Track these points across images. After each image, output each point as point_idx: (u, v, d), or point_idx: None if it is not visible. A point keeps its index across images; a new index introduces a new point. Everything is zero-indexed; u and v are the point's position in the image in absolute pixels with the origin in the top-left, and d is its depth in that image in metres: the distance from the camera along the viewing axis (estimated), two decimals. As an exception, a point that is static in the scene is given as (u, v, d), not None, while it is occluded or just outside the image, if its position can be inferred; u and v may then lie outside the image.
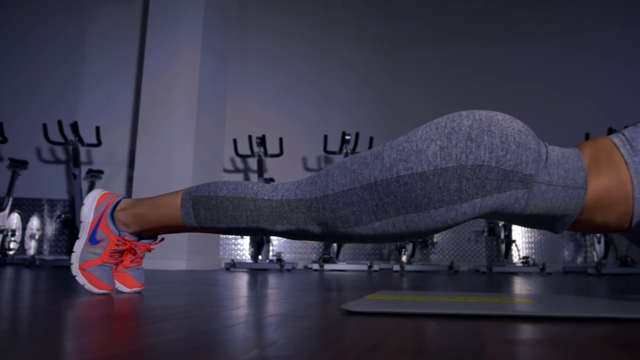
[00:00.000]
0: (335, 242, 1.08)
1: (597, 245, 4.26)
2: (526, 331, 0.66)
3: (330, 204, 0.99)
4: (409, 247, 4.45)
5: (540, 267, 4.06)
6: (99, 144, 4.42)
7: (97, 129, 4.43)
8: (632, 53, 4.97)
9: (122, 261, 1.25)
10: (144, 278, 1.31)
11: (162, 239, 1.30)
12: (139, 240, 1.23)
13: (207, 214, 1.11)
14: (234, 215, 1.09)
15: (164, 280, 2.01)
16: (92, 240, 1.18)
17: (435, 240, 4.87)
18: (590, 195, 0.94)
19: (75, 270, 1.17)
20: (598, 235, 4.27)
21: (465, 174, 0.90)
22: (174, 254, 3.98)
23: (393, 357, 0.47)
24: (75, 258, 1.18)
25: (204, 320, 0.75)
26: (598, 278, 3.19)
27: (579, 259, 4.66)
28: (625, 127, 4.58)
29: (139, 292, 1.29)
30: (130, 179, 4.86)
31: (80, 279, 1.17)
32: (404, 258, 4.49)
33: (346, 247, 4.88)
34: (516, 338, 0.60)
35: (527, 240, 4.78)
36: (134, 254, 1.24)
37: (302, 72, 5.33)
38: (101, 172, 4.60)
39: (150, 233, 1.24)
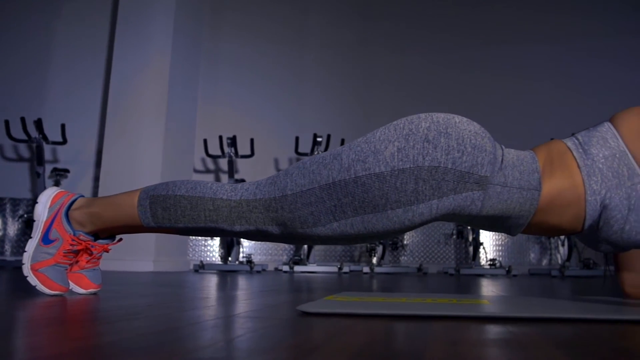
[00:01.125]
0: (294, 243, 1.08)
1: (561, 248, 4.36)
2: (474, 331, 0.67)
3: (288, 204, 0.99)
4: (379, 249, 4.47)
5: (507, 269, 4.14)
6: (64, 142, 4.31)
7: (63, 126, 4.32)
8: (594, 60, 5.12)
9: (77, 261, 1.22)
10: (101, 279, 1.28)
11: (120, 239, 1.27)
12: (95, 240, 1.20)
13: (164, 214, 1.09)
14: (192, 215, 1.07)
15: (127, 282, 1.97)
16: (45, 239, 1.15)
17: (405, 242, 4.91)
18: (543, 197, 0.96)
19: (26, 270, 1.13)
20: (562, 238, 4.38)
21: (422, 175, 0.91)
22: (140, 255, 3.91)
23: (331, 358, 0.47)
24: (27, 258, 1.14)
25: (154, 322, 0.73)
26: (561, 280, 3.27)
27: (544, 262, 4.77)
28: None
29: (95, 294, 1.26)
30: (97, 179, 4.75)
31: (32, 280, 1.13)
32: (374, 260, 4.51)
33: (317, 248, 4.87)
34: (461, 338, 0.61)
35: (494, 243, 4.87)
36: (90, 254, 1.21)
37: (275, 74, 5.31)
38: (67, 170, 4.49)
39: (108, 233, 1.21)
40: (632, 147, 0.93)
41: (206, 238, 4.86)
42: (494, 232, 4.86)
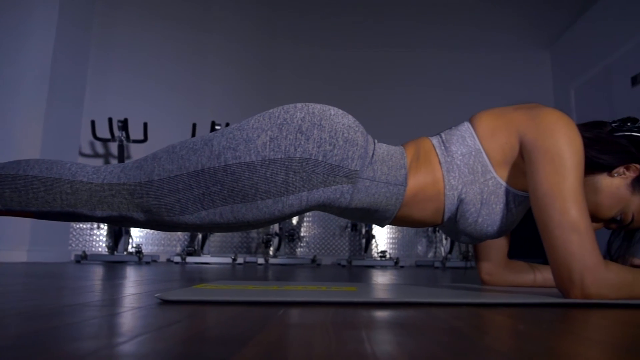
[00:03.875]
0: (162, 230, 1.03)
1: (445, 242, 4.67)
2: (319, 315, 0.68)
3: (154, 190, 0.94)
4: (275, 240, 4.48)
5: (395, 260, 4.35)
6: None
7: None
8: (469, 69, 5.54)
9: None
10: (-61, 268, 1.13)
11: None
12: None
13: (13, 196, 0.98)
14: (47, 198, 0.97)
15: (-17, 272, 1.77)
16: None
17: (302, 234, 4.97)
18: (408, 192, 0.99)
19: None
20: (446, 232, 4.69)
21: (292, 167, 0.90)
22: (11, 244, 3.55)
23: (153, 343, 0.44)
24: None
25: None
26: (442, 270, 3.50)
27: (430, 254, 5.08)
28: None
29: None
30: (-37, 159, 4.24)
31: None
32: (270, 251, 4.51)
33: (212, 239, 4.77)
34: (302, 322, 0.61)
35: (386, 236, 5.09)
36: None
37: (174, 57, 5.09)
38: None
39: (-52, 215, 1.07)
40: (486, 145, 1.00)
41: (92, 226, 4.55)
42: (386, 226, 5.09)
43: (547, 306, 0.83)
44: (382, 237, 5.07)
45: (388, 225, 5.28)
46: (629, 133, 1.05)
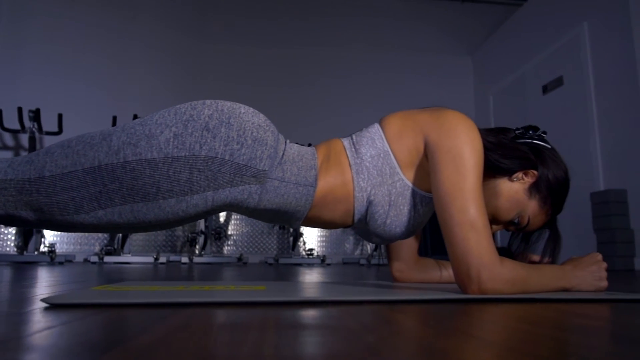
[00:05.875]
0: (56, 231, 0.96)
1: (370, 239, 4.77)
2: (216, 316, 0.66)
3: (45, 187, 0.87)
4: (201, 239, 4.38)
5: (321, 258, 4.38)
6: None
7: None
8: (394, 70, 5.72)
9: None
10: None
11: None
12: None
13: None
14: None
15: None
16: None
17: (229, 232, 4.89)
18: (318, 193, 0.99)
19: None
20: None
21: (197, 165, 0.87)
22: None
23: (5, 354, 0.41)
24: None
25: None
26: (367, 268, 3.57)
27: (357, 252, 5.17)
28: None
29: None
30: None
31: None
32: (196, 250, 4.40)
33: (134, 238, 4.57)
34: (195, 323, 0.59)
35: (315, 234, 5.12)
36: None
37: (95, 44, 4.82)
38: None
39: None
40: (394, 147, 1.01)
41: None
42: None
43: (445, 302, 0.86)
44: (311, 235, 5.09)
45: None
46: (530, 140, 1.10)
